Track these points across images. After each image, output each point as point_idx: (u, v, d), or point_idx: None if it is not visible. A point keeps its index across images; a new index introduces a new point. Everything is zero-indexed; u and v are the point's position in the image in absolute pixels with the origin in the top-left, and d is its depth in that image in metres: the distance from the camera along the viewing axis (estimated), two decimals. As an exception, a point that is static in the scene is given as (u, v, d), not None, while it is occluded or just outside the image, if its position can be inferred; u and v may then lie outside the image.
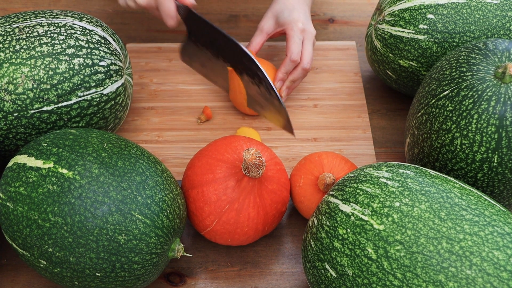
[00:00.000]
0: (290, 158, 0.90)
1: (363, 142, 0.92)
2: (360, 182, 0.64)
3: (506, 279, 0.55)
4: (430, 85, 0.75)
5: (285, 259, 0.80)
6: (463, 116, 0.70)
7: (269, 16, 0.92)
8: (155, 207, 0.67)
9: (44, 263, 0.66)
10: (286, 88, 0.91)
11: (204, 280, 0.77)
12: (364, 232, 0.60)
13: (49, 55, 0.75)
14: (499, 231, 0.58)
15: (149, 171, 0.69)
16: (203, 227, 0.74)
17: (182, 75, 1.00)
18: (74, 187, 0.65)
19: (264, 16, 0.93)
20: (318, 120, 0.94)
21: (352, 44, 1.05)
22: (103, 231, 0.64)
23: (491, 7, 0.81)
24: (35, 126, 0.76)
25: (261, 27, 0.92)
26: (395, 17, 0.85)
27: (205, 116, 0.93)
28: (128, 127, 0.93)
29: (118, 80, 0.81)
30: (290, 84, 0.91)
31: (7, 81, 0.74)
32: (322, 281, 0.64)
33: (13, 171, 0.68)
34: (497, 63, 0.71)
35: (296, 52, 0.88)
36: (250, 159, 0.68)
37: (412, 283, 0.57)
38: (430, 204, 0.60)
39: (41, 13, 0.80)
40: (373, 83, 1.01)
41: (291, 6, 0.90)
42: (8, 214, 0.67)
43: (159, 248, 0.67)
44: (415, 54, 0.85)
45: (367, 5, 1.13)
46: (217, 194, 0.71)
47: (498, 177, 0.71)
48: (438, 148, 0.73)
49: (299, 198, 0.78)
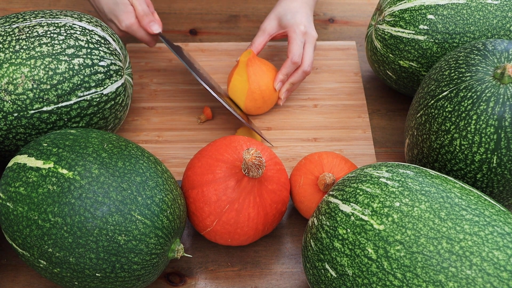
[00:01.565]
0: (290, 158, 0.90)
1: (363, 142, 0.92)
2: (360, 182, 0.64)
3: (506, 279, 0.55)
4: (429, 86, 0.75)
5: (285, 259, 0.80)
6: (462, 117, 0.70)
7: (272, 17, 0.92)
8: (155, 208, 0.67)
9: (44, 263, 0.66)
10: (286, 90, 0.92)
11: (204, 280, 0.77)
12: (364, 232, 0.60)
13: (49, 55, 0.75)
14: (499, 231, 0.58)
15: (149, 171, 0.69)
16: (203, 227, 0.74)
17: (182, 75, 1.00)
18: (74, 187, 0.65)
19: (267, 18, 0.93)
20: (318, 120, 0.95)
21: (352, 44, 1.05)
22: (103, 231, 0.64)
23: (491, 8, 0.81)
24: (35, 126, 0.76)
25: (264, 28, 0.93)
26: (395, 18, 0.85)
27: (205, 116, 0.93)
28: (128, 127, 0.93)
29: (118, 80, 0.81)
30: (290, 86, 0.92)
31: (7, 81, 0.74)
32: (322, 281, 0.64)
33: (13, 171, 0.68)
34: (496, 63, 0.71)
35: (298, 54, 0.89)
36: (250, 159, 0.68)
37: (412, 283, 0.57)
38: (430, 204, 0.60)
39: (40, 13, 0.80)
40: (373, 83, 1.01)
41: (295, 9, 0.91)
42: (8, 214, 0.67)
43: (159, 249, 0.68)
44: (415, 55, 0.85)
45: (367, 5, 1.13)
46: (217, 194, 0.71)
47: (498, 177, 0.71)
48: (437, 149, 0.73)
49: (299, 198, 0.78)
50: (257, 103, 0.91)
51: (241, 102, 0.91)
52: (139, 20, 0.87)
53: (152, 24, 0.87)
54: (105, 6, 0.86)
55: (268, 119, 0.94)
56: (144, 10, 0.86)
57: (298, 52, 0.89)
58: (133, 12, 0.86)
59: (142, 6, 0.86)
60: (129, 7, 0.86)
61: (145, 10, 0.86)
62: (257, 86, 0.89)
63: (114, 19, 0.87)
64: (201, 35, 1.07)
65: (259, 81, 0.89)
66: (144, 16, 0.86)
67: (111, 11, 0.86)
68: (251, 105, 0.91)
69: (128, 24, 0.86)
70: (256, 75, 0.89)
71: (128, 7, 0.86)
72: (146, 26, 0.87)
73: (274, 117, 0.95)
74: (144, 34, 0.88)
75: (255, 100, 0.90)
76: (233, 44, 1.05)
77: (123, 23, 0.86)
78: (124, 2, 0.85)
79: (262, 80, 0.89)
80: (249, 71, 0.89)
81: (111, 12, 0.86)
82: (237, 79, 0.90)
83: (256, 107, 0.92)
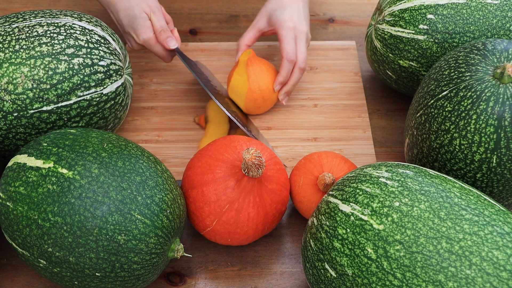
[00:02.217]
0: (290, 158, 0.90)
1: (363, 142, 0.92)
2: (360, 182, 0.64)
3: (505, 278, 0.55)
4: (429, 86, 0.75)
5: (285, 259, 0.80)
6: (462, 116, 0.70)
7: (263, 13, 0.93)
8: (155, 207, 0.67)
9: (43, 262, 0.66)
10: (285, 93, 0.91)
11: (204, 280, 0.77)
12: (363, 232, 0.60)
13: (48, 55, 0.75)
14: (498, 231, 0.58)
15: (149, 171, 0.69)
16: (203, 227, 0.74)
17: (182, 75, 1.01)
18: (74, 187, 0.65)
19: (259, 13, 0.94)
20: (318, 120, 0.95)
21: (352, 44, 1.05)
22: (103, 231, 0.64)
23: (491, 8, 0.81)
24: (35, 126, 0.76)
25: (254, 23, 0.94)
26: (395, 17, 0.85)
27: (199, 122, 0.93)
28: (128, 127, 0.93)
29: (118, 80, 0.81)
30: (291, 88, 0.91)
31: (7, 81, 0.74)
32: (322, 281, 0.64)
33: (13, 170, 0.68)
34: (495, 63, 0.71)
35: (291, 52, 0.89)
36: (250, 159, 0.68)
37: (411, 283, 0.57)
38: (429, 204, 0.60)
39: (40, 13, 0.80)
40: (373, 83, 1.01)
41: (285, 4, 0.91)
42: (8, 214, 0.67)
43: (159, 248, 0.68)
44: (415, 55, 0.85)
45: (367, 5, 1.13)
46: (217, 194, 0.71)
47: (497, 177, 0.71)
48: (437, 149, 0.73)
49: (299, 198, 0.78)
50: (257, 102, 0.91)
51: (240, 102, 0.91)
52: (157, 35, 0.87)
53: (170, 40, 0.87)
54: (124, 19, 0.87)
55: (268, 119, 0.94)
56: (162, 26, 0.87)
57: (292, 50, 0.89)
58: (151, 27, 0.87)
59: (160, 22, 0.87)
60: (147, 22, 0.87)
61: (163, 26, 0.87)
62: (257, 86, 0.89)
63: (132, 32, 0.88)
64: (201, 35, 1.07)
65: (259, 81, 0.89)
66: (161, 32, 0.87)
67: (130, 24, 0.87)
68: (250, 104, 0.91)
69: (146, 38, 0.87)
70: (256, 75, 0.89)
71: (147, 21, 0.87)
72: (163, 42, 0.87)
73: (274, 117, 0.95)
74: (161, 49, 0.89)
75: (255, 100, 0.90)
76: (233, 44, 1.05)
77: (140, 37, 0.87)
78: (143, 16, 0.86)
79: (262, 80, 0.89)
80: (249, 71, 0.89)
81: (129, 25, 0.87)
82: (237, 79, 0.90)
83: (256, 107, 0.91)
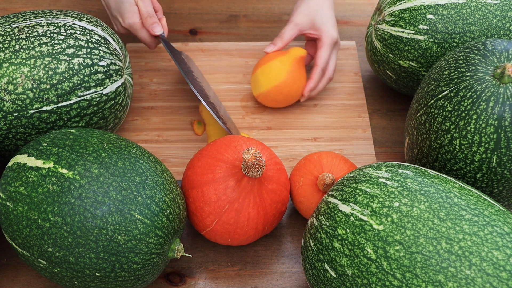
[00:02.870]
0: (290, 158, 0.90)
1: (363, 142, 0.92)
2: (360, 182, 0.64)
3: (505, 279, 0.55)
4: (429, 86, 0.75)
5: (285, 259, 0.80)
6: (462, 116, 0.70)
7: (305, 13, 0.93)
8: (155, 208, 0.67)
9: (43, 263, 0.66)
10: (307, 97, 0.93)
11: (204, 280, 0.77)
12: (363, 232, 0.60)
13: (48, 55, 0.75)
14: (498, 231, 0.58)
15: (149, 171, 0.69)
16: (203, 227, 0.74)
17: (182, 75, 1.00)
18: (74, 187, 0.65)
19: (298, 12, 0.93)
20: (318, 119, 0.95)
21: (352, 44, 1.05)
22: (103, 231, 0.64)
23: (491, 8, 0.81)
24: (35, 126, 0.76)
25: (296, 21, 0.93)
26: (395, 17, 0.85)
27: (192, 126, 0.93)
28: (128, 127, 0.93)
29: (118, 80, 0.81)
30: (314, 94, 0.94)
31: (7, 81, 0.74)
32: (321, 281, 0.64)
33: (13, 170, 0.68)
34: (496, 63, 0.71)
35: (326, 61, 0.92)
36: (250, 159, 0.68)
37: (411, 283, 0.57)
38: (429, 204, 0.60)
39: (40, 13, 0.80)
40: (373, 83, 1.01)
41: (325, 12, 0.92)
42: (8, 214, 0.67)
43: (159, 248, 0.68)
44: (415, 55, 0.85)
45: (367, 5, 1.13)
46: (217, 194, 0.71)
47: (497, 177, 0.71)
48: (437, 149, 0.73)
49: (299, 198, 0.78)
50: (279, 96, 0.90)
51: (267, 85, 0.90)
52: (143, 20, 0.88)
53: (155, 26, 0.88)
54: (111, 3, 0.88)
55: (268, 119, 0.94)
56: (148, 11, 0.88)
57: (327, 60, 0.92)
58: (138, 12, 0.88)
59: (147, 8, 0.88)
60: (134, 7, 0.87)
61: (149, 12, 0.88)
62: (291, 83, 0.89)
63: (118, 15, 0.88)
64: (201, 35, 1.07)
65: (296, 81, 0.90)
66: (148, 17, 0.88)
67: (117, 8, 0.88)
68: (273, 93, 0.90)
69: (131, 23, 0.87)
70: (296, 74, 0.90)
71: (133, 6, 0.87)
72: (149, 27, 0.88)
73: (274, 117, 0.95)
74: (146, 34, 0.89)
75: (280, 93, 0.90)
76: (233, 44, 1.05)
77: (126, 21, 0.88)
78: (130, 1, 0.87)
79: (297, 82, 0.90)
80: (294, 67, 0.90)
81: (116, 9, 0.88)
82: (277, 65, 0.89)
83: (273, 99, 0.91)
